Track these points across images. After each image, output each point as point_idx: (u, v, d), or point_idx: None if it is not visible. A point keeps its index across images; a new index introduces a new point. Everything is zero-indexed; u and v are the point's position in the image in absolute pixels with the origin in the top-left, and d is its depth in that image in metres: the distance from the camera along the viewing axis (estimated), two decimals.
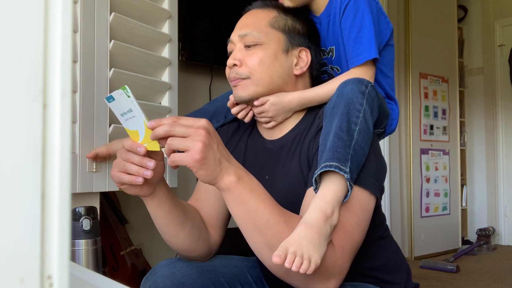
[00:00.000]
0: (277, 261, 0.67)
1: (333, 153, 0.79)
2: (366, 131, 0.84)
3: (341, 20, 1.02)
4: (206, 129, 0.72)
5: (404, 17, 3.37)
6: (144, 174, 0.76)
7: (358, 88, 0.86)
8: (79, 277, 0.62)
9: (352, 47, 1.00)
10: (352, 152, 0.80)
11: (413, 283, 1.02)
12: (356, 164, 0.81)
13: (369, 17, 0.99)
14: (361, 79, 0.89)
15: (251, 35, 0.96)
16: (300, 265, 0.68)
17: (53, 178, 0.31)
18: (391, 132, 1.09)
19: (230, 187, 0.74)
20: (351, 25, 1.00)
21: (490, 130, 4.11)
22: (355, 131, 0.83)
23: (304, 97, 0.98)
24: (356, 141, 0.82)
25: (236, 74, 0.96)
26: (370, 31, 0.98)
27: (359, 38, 0.99)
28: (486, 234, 3.66)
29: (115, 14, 1.34)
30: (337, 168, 0.77)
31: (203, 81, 2.48)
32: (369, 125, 0.85)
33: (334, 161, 0.78)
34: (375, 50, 0.98)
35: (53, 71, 0.31)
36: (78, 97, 1.24)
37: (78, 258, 1.10)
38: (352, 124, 0.83)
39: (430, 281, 2.70)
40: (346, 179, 0.77)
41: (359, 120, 0.84)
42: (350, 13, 1.00)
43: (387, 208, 3.10)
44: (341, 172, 0.77)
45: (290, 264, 0.67)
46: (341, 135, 0.81)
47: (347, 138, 0.81)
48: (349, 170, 0.77)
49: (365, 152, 0.84)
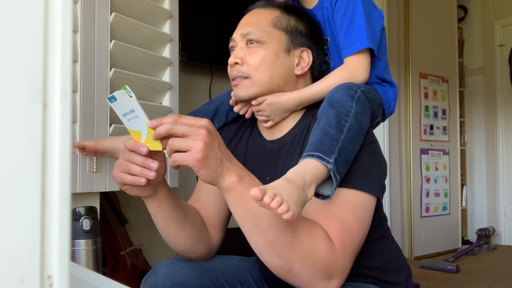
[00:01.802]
0: (256, 194, 0.63)
1: (316, 145, 0.79)
2: (357, 129, 0.84)
3: (333, 12, 1.03)
4: (207, 129, 0.72)
5: (404, 17, 3.37)
6: (147, 175, 0.76)
7: (348, 93, 0.88)
8: (79, 277, 0.62)
9: (344, 38, 1.01)
10: (341, 146, 0.80)
11: (414, 283, 1.02)
12: (345, 158, 0.80)
13: (361, 7, 1.00)
14: (351, 85, 0.91)
15: (253, 34, 0.96)
16: (279, 204, 0.64)
17: (53, 178, 0.31)
18: (390, 113, 1.10)
19: (231, 187, 0.74)
20: (343, 17, 1.01)
21: (490, 130, 4.10)
22: (345, 126, 0.83)
23: (301, 96, 0.98)
24: (346, 136, 0.82)
25: (237, 72, 0.96)
26: (361, 22, 0.99)
27: (351, 29, 0.99)
28: (486, 234, 3.66)
29: (115, 14, 1.34)
30: (319, 158, 0.76)
31: (203, 81, 2.48)
32: (360, 123, 0.85)
33: (317, 152, 0.77)
34: (367, 40, 0.98)
35: (53, 71, 0.31)
36: (78, 97, 1.24)
37: (78, 258, 1.10)
38: (342, 120, 0.84)
39: (430, 281, 2.70)
40: (330, 169, 0.76)
41: (349, 118, 0.84)
42: (341, 5, 1.01)
43: (387, 208, 3.09)
44: (324, 162, 0.76)
45: (270, 199, 0.63)
46: (329, 131, 0.82)
47: (335, 133, 0.81)
48: (333, 161, 0.77)
49: (355, 149, 0.84)
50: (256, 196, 0.63)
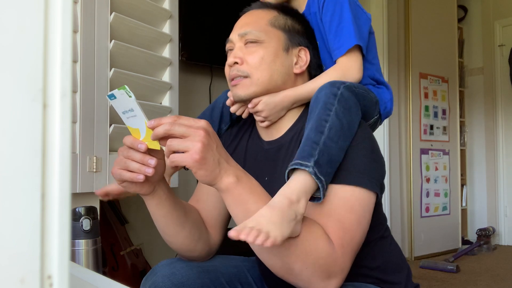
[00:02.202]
0: (232, 234, 0.65)
1: (299, 153, 0.81)
2: (340, 127, 0.85)
3: (322, 15, 1.04)
4: (205, 130, 0.72)
5: (404, 17, 3.37)
6: (145, 171, 0.76)
7: (331, 90, 0.88)
8: (79, 277, 0.62)
9: (333, 40, 1.01)
10: (322, 146, 0.81)
11: (414, 283, 1.02)
12: (328, 157, 0.81)
13: (348, 8, 1.01)
14: (334, 82, 0.91)
15: (251, 33, 0.97)
16: (256, 237, 0.66)
17: (53, 178, 0.31)
18: (387, 115, 1.10)
19: (229, 188, 0.75)
20: (331, 19, 1.02)
21: (490, 130, 4.10)
22: (325, 127, 0.83)
23: (295, 94, 0.99)
24: (327, 136, 0.82)
25: (237, 71, 0.96)
26: (349, 22, 1.00)
27: (340, 30, 1.00)
28: (486, 234, 3.66)
29: (115, 14, 1.34)
30: (298, 164, 0.78)
31: (203, 81, 2.48)
32: (343, 121, 0.85)
33: (297, 159, 0.79)
34: (355, 38, 0.99)
35: (53, 71, 0.31)
36: (78, 97, 1.24)
37: (78, 258, 1.10)
38: (322, 121, 0.84)
39: (430, 281, 2.70)
40: (309, 172, 0.77)
41: (330, 117, 0.85)
42: (329, 7, 1.02)
43: (387, 208, 3.10)
44: (302, 167, 0.77)
45: (246, 236, 0.65)
46: (309, 135, 0.83)
47: (315, 135, 0.82)
48: (313, 164, 0.78)
49: (340, 147, 0.84)
50: (233, 236, 0.65)
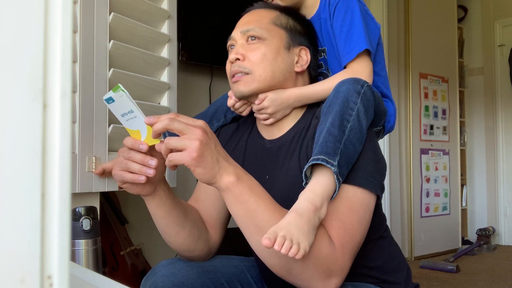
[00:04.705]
0: (266, 243, 0.66)
1: (322, 147, 0.80)
2: (359, 130, 0.85)
3: (332, 21, 1.03)
4: (203, 129, 0.72)
5: (404, 17, 3.37)
6: (146, 172, 0.76)
7: (354, 87, 0.87)
8: (79, 277, 0.62)
9: (343, 45, 1.01)
10: (343, 147, 0.81)
11: (413, 283, 1.02)
12: (346, 159, 0.81)
13: (358, 15, 1.01)
14: (358, 79, 0.90)
15: (254, 30, 0.97)
16: (289, 248, 0.67)
17: (53, 178, 0.31)
18: (390, 130, 1.10)
19: (229, 187, 0.75)
20: (342, 24, 1.01)
21: (490, 130, 4.10)
22: (346, 127, 0.83)
23: (302, 93, 0.99)
24: (348, 138, 0.82)
25: (238, 67, 0.96)
26: (359, 28, 1.00)
27: (350, 35, 1.00)
28: (486, 234, 3.66)
29: (114, 14, 1.34)
30: (324, 161, 0.77)
31: (203, 81, 2.48)
32: (362, 124, 0.86)
33: (323, 155, 0.78)
34: (365, 42, 0.98)
35: (53, 71, 0.31)
36: (78, 97, 1.24)
37: (78, 258, 1.10)
38: (345, 121, 0.84)
39: (430, 281, 2.70)
40: (334, 172, 0.77)
41: (352, 118, 0.84)
42: (340, 13, 1.02)
43: (387, 208, 3.09)
44: (328, 165, 0.77)
45: (280, 246, 0.67)
46: (332, 131, 0.82)
47: (338, 133, 0.82)
48: (337, 164, 0.78)
49: (356, 150, 0.84)
50: (266, 245, 0.66)
